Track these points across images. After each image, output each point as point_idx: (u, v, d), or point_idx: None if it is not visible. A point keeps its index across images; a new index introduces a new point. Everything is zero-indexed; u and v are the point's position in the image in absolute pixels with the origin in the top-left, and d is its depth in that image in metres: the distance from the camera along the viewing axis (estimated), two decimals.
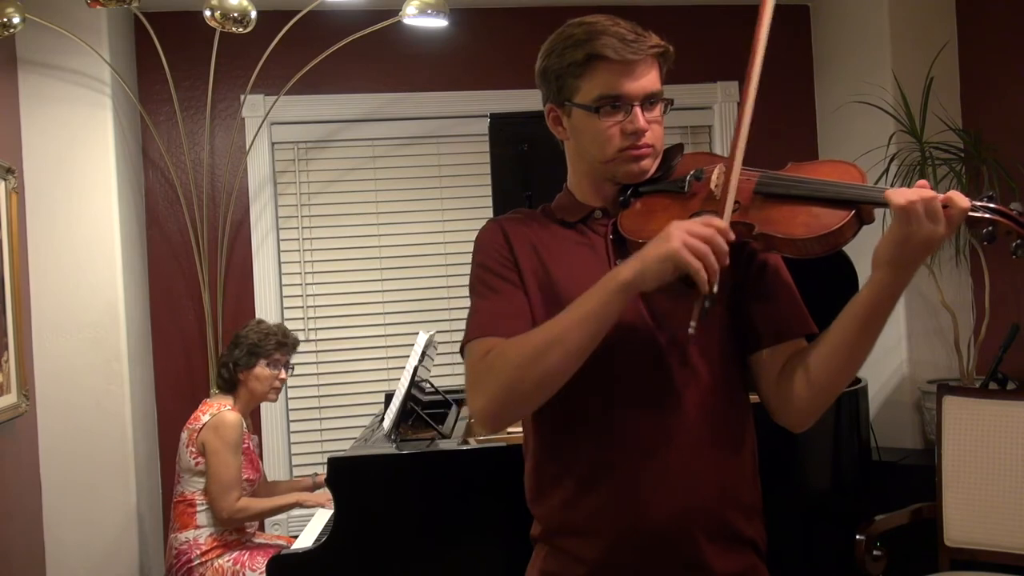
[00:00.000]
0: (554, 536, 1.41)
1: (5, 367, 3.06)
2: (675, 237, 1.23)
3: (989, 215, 1.24)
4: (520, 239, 1.45)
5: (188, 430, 2.98)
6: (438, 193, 4.07)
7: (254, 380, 3.07)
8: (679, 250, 1.22)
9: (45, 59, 3.38)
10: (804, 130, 4.21)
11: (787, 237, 1.29)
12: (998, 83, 3.52)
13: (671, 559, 1.35)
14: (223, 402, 3.02)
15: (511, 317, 1.38)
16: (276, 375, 3.10)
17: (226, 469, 2.90)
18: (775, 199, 1.33)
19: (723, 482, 1.38)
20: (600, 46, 1.36)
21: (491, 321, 1.38)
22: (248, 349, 3.06)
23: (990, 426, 2.83)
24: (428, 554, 2.17)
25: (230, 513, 2.91)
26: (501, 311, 1.39)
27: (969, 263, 3.58)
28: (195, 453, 2.94)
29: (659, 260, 1.24)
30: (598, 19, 1.40)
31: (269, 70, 3.60)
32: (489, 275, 1.43)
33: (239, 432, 2.96)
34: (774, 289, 1.43)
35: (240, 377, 3.06)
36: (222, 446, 2.91)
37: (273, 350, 3.08)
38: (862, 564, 2.66)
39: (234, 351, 3.08)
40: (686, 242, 1.22)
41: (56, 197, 3.39)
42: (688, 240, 1.22)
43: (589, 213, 1.47)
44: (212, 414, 2.96)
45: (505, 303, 1.40)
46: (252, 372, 3.06)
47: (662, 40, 1.40)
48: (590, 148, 1.43)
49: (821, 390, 1.35)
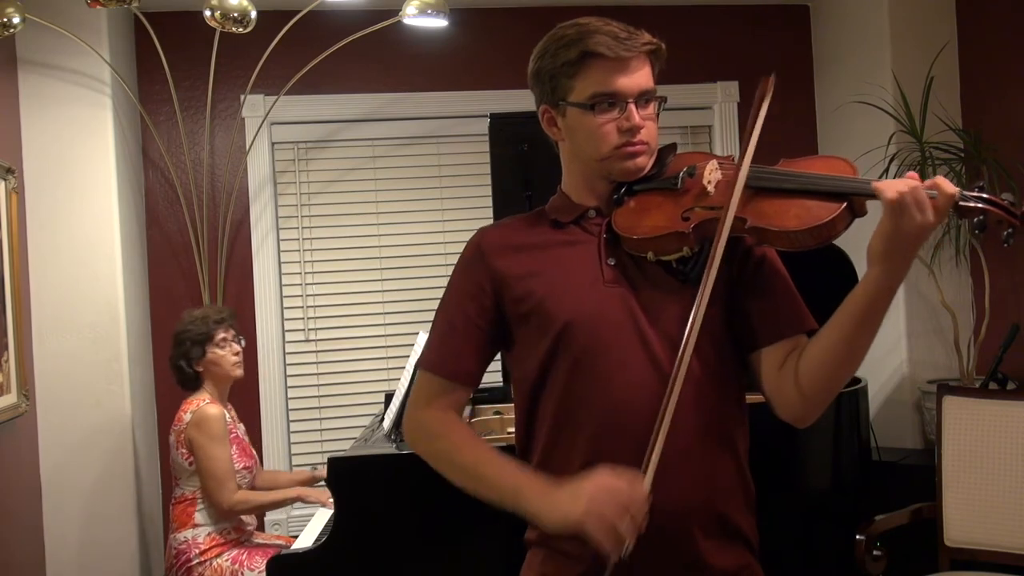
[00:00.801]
0: (550, 537, 1.41)
1: (5, 367, 3.06)
2: (584, 501, 1.26)
3: (980, 204, 1.24)
4: (501, 250, 1.47)
5: (174, 432, 2.99)
6: (438, 193, 4.07)
7: (212, 365, 3.06)
8: (583, 520, 1.26)
9: (45, 59, 3.38)
10: (804, 130, 4.21)
11: (780, 230, 1.30)
12: (998, 83, 3.52)
13: (669, 556, 1.36)
14: (200, 397, 3.02)
15: (459, 356, 1.47)
16: (230, 351, 3.09)
17: (217, 462, 2.91)
18: (767, 193, 1.34)
19: (719, 479, 1.39)
20: (594, 44, 1.37)
21: (441, 358, 1.49)
22: (192, 340, 3.05)
23: (990, 426, 2.83)
24: (428, 554, 2.17)
25: (230, 505, 2.91)
26: (452, 347, 1.48)
27: (969, 263, 3.58)
28: (185, 453, 2.95)
29: (557, 522, 1.30)
30: (589, 20, 1.41)
31: (269, 70, 3.60)
32: (451, 306, 1.50)
33: (222, 423, 2.96)
34: (771, 285, 1.43)
35: (199, 369, 3.06)
36: (208, 440, 2.91)
37: (214, 330, 3.07)
38: (862, 564, 2.66)
39: (180, 348, 3.07)
40: (596, 513, 1.25)
41: (56, 197, 3.39)
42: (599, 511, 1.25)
43: (583, 213, 1.47)
44: (193, 411, 2.97)
45: (459, 341, 1.47)
46: (207, 359, 3.05)
47: (654, 38, 1.41)
48: (585, 147, 1.43)
49: (822, 385, 1.35)
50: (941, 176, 1.26)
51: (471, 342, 1.46)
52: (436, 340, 1.50)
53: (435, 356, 1.49)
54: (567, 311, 1.39)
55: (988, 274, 3.36)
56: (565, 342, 1.38)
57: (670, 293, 1.38)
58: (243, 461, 3.05)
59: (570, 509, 1.27)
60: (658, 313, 1.38)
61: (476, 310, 1.46)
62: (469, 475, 1.43)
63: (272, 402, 3.88)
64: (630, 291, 1.40)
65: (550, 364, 1.40)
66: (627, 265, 1.41)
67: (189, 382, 3.08)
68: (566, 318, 1.38)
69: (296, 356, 3.97)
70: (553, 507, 1.30)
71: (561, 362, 1.39)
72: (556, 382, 1.40)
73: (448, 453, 1.47)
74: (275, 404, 3.88)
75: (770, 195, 1.34)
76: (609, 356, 1.35)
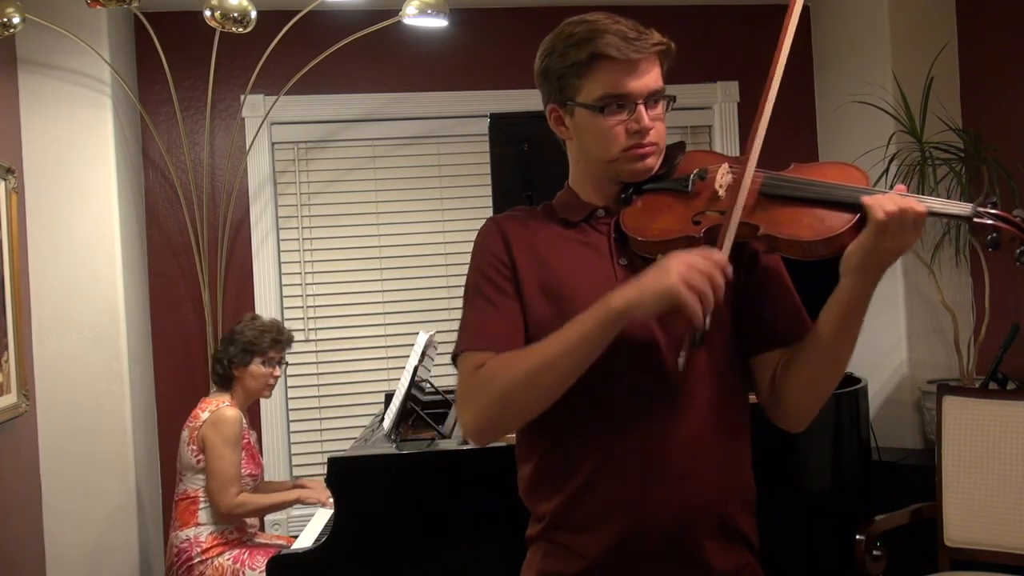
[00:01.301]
0: (554, 532, 1.41)
1: (5, 367, 3.06)
2: (674, 272, 1.22)
3: (993, 221, 1.24)
4: (519, 240, 1.45)
5: (188, 428, 2.98)
6: (438, 193, 4.07)
7: (249, 377, 3.07)
8: (677, 286, 1.21)
9: (45, 59, 3.38)
10: (804, 130, 4.21)
11: (792, 239, 1.29)
12: (998, 83, 3.52)
13: (672, 555, 1.36)
14: (221, 399, 3.03)
15: (503, 331, 1.38)
16: (271, 372, 3.11)
17: (226, 464, 2.91)
18: (780, 200, 1.33)
19: (724, 479, 1.39)
20: (603, 45, 1.35)
21: (483, 334, 1.39)
22: (243, 346, 3.06)
23: (990, 426, 2.83)
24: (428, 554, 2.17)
25: (229, 508, 2.91)
26: (493, 324, 1.39)
27: (969, 263, 3.58)
28: (196, 451, 2.95)
29: (656, 294, 1.23)
30: (598, 17, 1.39)
31: (269, 70, 3.60)
32: (485, 283, 1.43)
33: (238, 428, 2.96)
34: (775, 293, 1.43)
35: (235, 373, 3.07)
36: (221, 441, 2.91)
37: (268, 347, 3.08)
38: (862, 564, 2.66)
39: (229, 347, 3.07)
40: (685, 278, 1.21)
41: (56, 197, 3.39)
42: (688, 276, 1.21)
43: (592, 212, 1.46)
44: (211, 411, 2.97)
45: (498, 315, 1.40)
46: (247, 369, 3.06)
47: (664, 37, 1.40)
48: (594, 148, 1.42)
49: (810, 391, 1.37)
50: (913, 199, 1.23)
51: (511, 312, 1.40)
52: (476, 321, 1.41)
53: (476, 333, 1.40)
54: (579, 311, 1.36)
55: (988, 274, 3.36)
56: None
57: None
58: (250, 468, 3.05)
59: (662, 279, 1.22)
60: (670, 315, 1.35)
61: (509, 287, 1.42)
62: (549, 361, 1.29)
63: (272, 402, 3.88)
64: None
65: None
66: (638, 266, 1.38)
67: (221, 381, 3.09)
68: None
69: (296, 356, 3.96)
70: (644, 288, 1.24)
71: None
72: None
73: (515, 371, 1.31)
74: (275, 404, 3.88)
75: (783, 203, 1.33)
76: (619, 357, 1.34)
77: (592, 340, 1.27)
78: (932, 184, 3.35)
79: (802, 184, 1.33)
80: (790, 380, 1.37)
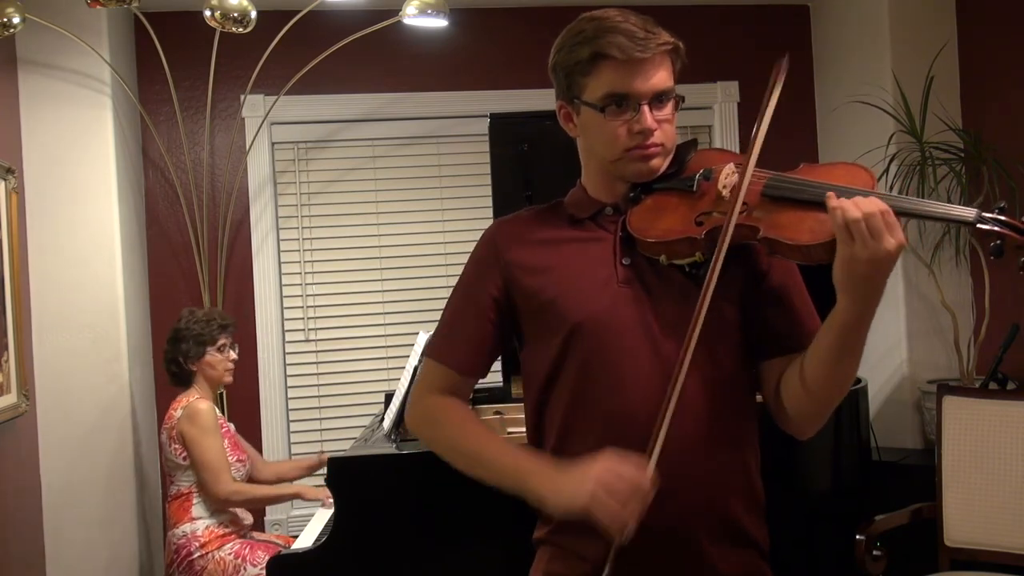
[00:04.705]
0: (559, 535, 1.41)
1: (5, 367, 3.06)
2: (589, 490, 1.24)
3: (998, 228, 1.21)
4: (516, 243, 1.46)
5: (166, 429, 3.02)
6: (438, 193, 4.06)
7: (208, 367, 3.10)
8: (588, 506, 1.24)
9: (45, 59, 3.38)
10: (804, 130, 4.20)
11: (792, 243, 1.26)
12: (998, 83, 3.52)
13: (676, 557, 1.35)
14: (190, 395, 3.05)
15: (463, 354, 1.48)
16: (227, 358, 3.14)
17: (212, 454, 2.93)
18: (782, 202, 1.30)
19: (728, 482, 1.38)
20: (606, 44, 1.34)
21: (448, 351, 1.49)
22: (194, 340, 3.09)
23: (990, 426, 2.83)
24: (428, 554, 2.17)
25: (226, 495, 2.93)
26: (457, 347, 1.48)
27: (969, 263, 3.58)
28: (179, 449, 2.97)
29: (565, 506, 1.28)
30: (609, 14, 1.37)
31: (269, 70, 3.60)
32: (463, 296, 1.50)
33: (213, 416, 3.00)
34: (786, 297, 1.41)
35: (193, 368, 3.09)
36: (200, 432, 2.94)
37: (218, 334, 3.11)
38: (862, 564, 2.66)
39: (180, 345, 3.10)
40: (598, 500, 1.24)
41: (56, 197, 3.39)
42: (600, 499, 1.24)
43: (600, 209, 1.45)
44: (183, 407, 3.00)
45: (468, 329, 1.47)
46: (203, 360, 3.09)
47: (672, 37, 1.38)
48: (598, 147, 1.42)
49: (810, 403, 1.35)
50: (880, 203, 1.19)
51: (480, 334, 1.46)
52: (445, 329, 1.51)
53: (443, 345, 1.50)
54: (578, 311, 1.37)
55: (988, 274, 3.36)
56: (575, 343, 1.37)
57: (684, 295, 1.35)
58: (236, 454, 3.07)
59: (576, 492, 1.26)
60: (670, 316, 1.36)
61: (487, 302, 1.45)
62: (473, 460, 1.42)
63: (272, 402, 3.88)
64: (643, 292, 1.37)
65: (560, 363, 1.40)
66: (642, 265, 1.39)
67: (182, 379, 3.11)
68: (577, 319, 1.37)
69: (296, 356, 3.97)
70: (559, 490, 1.29)
71: (571, 362, 1.38)
72: (565, 382, 1.39)
73: (452, 439, 1.46)
74: (275, 404, 3.88)
75: (786, 205, 1.29)
76: (619, 358, 1.34)
77: (504, 486, 1.38)
78: (932, 184, 3.34)
79: (804, 186, 1.30)
80: (791, 389, 1.36)
